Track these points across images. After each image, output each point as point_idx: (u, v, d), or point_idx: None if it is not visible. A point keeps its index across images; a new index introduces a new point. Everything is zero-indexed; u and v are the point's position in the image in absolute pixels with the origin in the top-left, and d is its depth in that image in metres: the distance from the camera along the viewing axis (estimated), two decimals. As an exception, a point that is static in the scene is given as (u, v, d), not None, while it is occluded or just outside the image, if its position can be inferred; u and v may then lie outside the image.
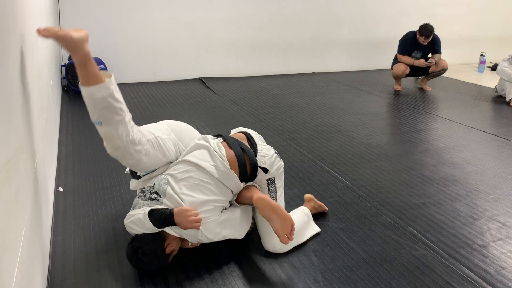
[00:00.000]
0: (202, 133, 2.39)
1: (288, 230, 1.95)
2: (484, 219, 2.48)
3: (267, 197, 2.01)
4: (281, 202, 2.24)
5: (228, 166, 2.03)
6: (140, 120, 4.20)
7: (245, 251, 2.14)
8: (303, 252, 2.13)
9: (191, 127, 2.39)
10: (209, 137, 2.20)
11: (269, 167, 2.15)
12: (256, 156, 2.13)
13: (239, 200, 2.15)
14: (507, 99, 5.06)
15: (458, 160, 3.33)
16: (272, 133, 3.87)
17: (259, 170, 2.13)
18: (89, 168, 3.07)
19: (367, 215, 2.50)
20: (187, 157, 2.06)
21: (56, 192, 2.70)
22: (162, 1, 5.78)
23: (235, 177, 2.04)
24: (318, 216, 2.45)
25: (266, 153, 2.17)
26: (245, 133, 2.29)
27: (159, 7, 5.78)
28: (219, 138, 2.21)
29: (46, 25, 3.37)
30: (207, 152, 2.07)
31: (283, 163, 2.26)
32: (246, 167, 2.08)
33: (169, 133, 2.17)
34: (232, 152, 2.10)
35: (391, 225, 2.40)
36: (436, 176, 3.05)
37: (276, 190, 2.21)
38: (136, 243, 1.87)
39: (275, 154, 2.22)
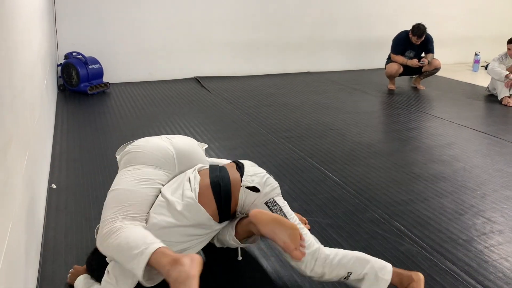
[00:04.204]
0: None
1: (298, 241, 1.66)
2: (470, 215, 2.52)
3: (265, 210, 1.76)
4: (294, 221, 1.81)
5: (195, 197, 1.75)
6: (134, 119, 4.25)
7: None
8: (290, 247, 2.16)
9: (198, 153, 2.06)
10: (197, 167, 1.94)
11: (260, 186, 1.81)
12: (242, 177, 1.83)
13: (239, 234, 1.86)
14: (499, 98, 5.11)
15: (447, 158, 3.37)
16: (265, 132, 3.92)
17: (247, 191, 1.80)
18: (82, 166, 3.11)
19: (355, 211, 2.54)
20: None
21: (49, 189, 2.73)
22: (158, 1, 5.82)
23: (200, 211, 1.73)
24: (306, 213, 2.49)
25: (254, 172, 1.86)
26: (235, 161, 1.98)
27: (155, 6, 5.82)
28: (203, 166, 1.96)
29: (40, 22, 3.41)
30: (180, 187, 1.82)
31: (278, 185, 1.90)
32: (221, 195, 1.78)
33: (173, 169, 1.91)
34: (208, 180, 1.81)
35: (378, 221, 2.44)
36: (425, 173, 3.09)
37: (281, 207, 1.82)
38: None
39: (268, 175, 1.89)
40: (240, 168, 1.88)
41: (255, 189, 1.80)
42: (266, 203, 1.81)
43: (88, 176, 2.94)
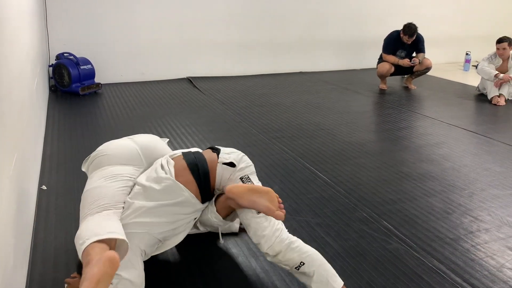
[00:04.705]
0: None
1: (276, 203, 1.78)
2: (458, 214, 2.55)
3: (239, 183, 1.87)
4: None
5: (173, 177, 1.82)
6: (126, 119, 4.25)
7: (219, 244, 2.19)
8: (279, 247, 2.18)
9: (162, 145, 2.14)
10: (168, 154, 2.02)
11: (236, 161, 1.93)
12: (218, 156, 1.94)
13: (219, 212, 1.95)
14: (488, 97, 5.16)
15: (436, 157, 3.40)
16: (256, 132, 3.93)
17: (224, 167, 1.91)
18: (73, 167, 3.10)
19: (344, 210, 2.56)
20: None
21: (39, 190, 2.73)
22: (150, 1, 5.81)
23: (181, 189, 1.81)
24: (295, 212, 2.51)
25: (230, 151, 2.00)
26: (211, 147, 2.07)
27: (147, 6, 5.81)
28: (174, 153, 2.02)
29: (30, 23, 3.41)
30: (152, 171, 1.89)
31: (252, 164, 2.01)
32: (199, 174, 1.87)
33: (141, 163, 1.96)
34: (183, 162, 1.90)
35: (367, 220, 2.46)
36: (414, 172, 3.12)
37: (254, 184, 1.92)
38: None
39: (243, 154, 2.01)
40: (216, 150, 1.99)
41: (231, 164, 1.91)
42: (241, 179, 1.91)
43: (78, 177, 2.93)
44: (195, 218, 1.94)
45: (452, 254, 2.16)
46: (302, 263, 1.71)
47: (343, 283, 1.73)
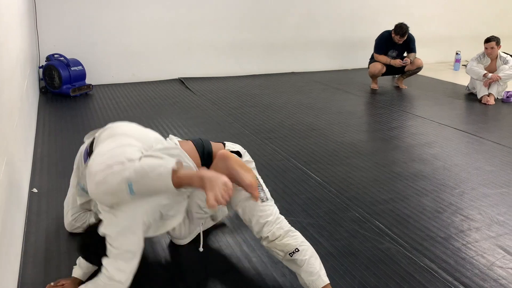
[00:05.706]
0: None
1: (256, 184, 1.86)
2: (448, 213, 2.57)
3: None
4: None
5: (179, 146, 1.89)
6: (117, 121, 4.21)
7: (213, 245, 2.19)
8: (272, 247, 2.19)
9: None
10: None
11: (242, 152, 2.04)
12: (225, 146, 2.02)
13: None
14: (478, 96, 5.21)
15: (427, 157, 3.43)
16: (248, 132, 3.93)
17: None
18: (64, 169, 3.08)
19: (336, 210, 2.57)
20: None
21: (30, 193, 2.71)
22: (141, 2, 5.79)
23: (187, 157, 1.83)
24: (287, 213, 2.51)
25: (234, 144, 2.09)
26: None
27: (138, 7, 5.79)
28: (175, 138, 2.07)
29: (20, 25, 3.38)
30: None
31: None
32: (204, 151, 1.95)
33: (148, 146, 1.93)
34: (189, 142, 1.98)
35: (359, 220, 2.47)
36: (405, 172, 3.14)
37: (258, 178, 1.98)
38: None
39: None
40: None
41: (237, 154, 2.00)
42: None
43: (69, 179, 2.90)
44: (188, 196, 1.92)
45: (443, 253, 2.18)
46: (297, 250, 1.80)
47: (329, 282, 1.79)
